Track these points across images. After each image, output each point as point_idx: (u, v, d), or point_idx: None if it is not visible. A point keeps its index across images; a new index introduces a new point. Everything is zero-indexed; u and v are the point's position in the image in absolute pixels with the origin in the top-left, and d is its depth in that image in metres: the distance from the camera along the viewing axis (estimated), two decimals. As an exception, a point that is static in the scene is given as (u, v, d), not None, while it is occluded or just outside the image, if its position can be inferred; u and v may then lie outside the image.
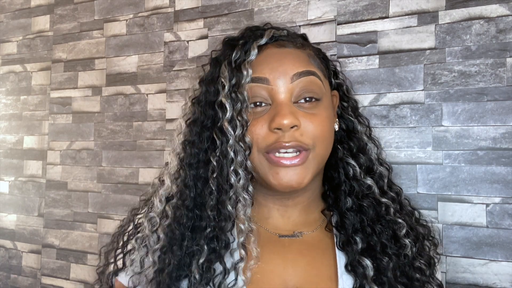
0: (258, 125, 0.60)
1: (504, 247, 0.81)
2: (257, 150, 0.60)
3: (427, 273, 0.64)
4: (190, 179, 0.62)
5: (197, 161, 0.63)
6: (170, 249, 0.60)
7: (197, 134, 0.63)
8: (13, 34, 1.43)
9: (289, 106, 0.59)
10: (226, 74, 0.61)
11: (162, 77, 1.16)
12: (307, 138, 0.59)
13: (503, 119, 0.82)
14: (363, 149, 0.70)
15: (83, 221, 1.26)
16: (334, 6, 0.97)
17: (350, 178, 0.68)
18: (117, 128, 1.22)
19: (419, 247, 0.65)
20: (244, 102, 0.59)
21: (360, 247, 0.62)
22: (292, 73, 0.60)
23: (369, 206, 0.65)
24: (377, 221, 0.65)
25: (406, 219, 0.67)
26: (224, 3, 1.09)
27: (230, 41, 0.66)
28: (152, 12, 1.19)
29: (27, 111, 1.38)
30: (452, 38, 0.87)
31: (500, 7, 0.83)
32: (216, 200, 0.60)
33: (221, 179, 0.60)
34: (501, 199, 0.82)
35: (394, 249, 0.63)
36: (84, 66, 1.29)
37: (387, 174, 0.70)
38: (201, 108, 0.64)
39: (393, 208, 0.66)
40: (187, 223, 0.61)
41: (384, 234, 0.64)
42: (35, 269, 1.33)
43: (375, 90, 0.92)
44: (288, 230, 0.66)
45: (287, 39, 0.66)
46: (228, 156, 0.59)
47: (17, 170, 1.39)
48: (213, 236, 0.59)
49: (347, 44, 0.96)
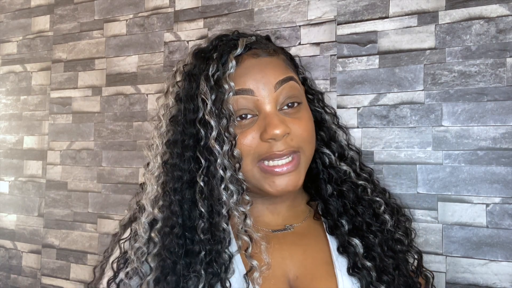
0: (248, 137, 0.60)
1: (504, 247, 0.81)
2: (250, 161, 0.60)
3: (406, 243, 0.68)
4: (176, 205, 0.60)
5: (181, 184, 0.60)
6: (164, 280, 0.57)
7: (179, 155, 0.61)
8: (13, 34, 1.43)
9: (277, 115, 0.60)
10: (206, 89, 0.59)
11: (162, 77, 1.16)
12: (297, 142, 0.61)
13: (503, 119, 0.82)
14: (333, 137, 0.73)
15: (83, 221, 1.26)
16: (334, 6, 0.97)
17: (327, 166, 0.70)
18: (117, 128, 1.22)
19: (395, 220, 0.70)
20: (230, 116, 0.59)
21: (347, 229, 0.65)
22: (275, 81, 0.61)
23: (349, 190, 0.69)
24: (358, 202, 0.68)
25: (381, 197, 0.71)
26: (224, 3, 1.09)
27: (201, 53, 0.65)
28: (152, 12, 1.19)
29: (27, 111, 1.38)
30: (452, 38, 0.87)
31: (500, 7, 0.83)
32: (209, 223, 0.58)
33: (212, 200, 0.58)
34: (501, 199, 0.82)
35: (377, 226, 0.67)
36: (84, 66, 1.29)
37: (358, 157, 0.73)
38: (181, 127, 0.62)
39: (370, 188, 0.70)
40: (179, 251, 0.58)
41: (366, 214, 0.67)
42: (35, 269, 1.33)
43: (375, 90, 0.92)
44: (279, 225, 0.67)
45: (259, 46, 0.66)
46: (217, 175, 0.58)
47: (17, 170, 1.39)
48: (210, 260, 0.57)
49: (347, 44, 0.96)
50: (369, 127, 0.93)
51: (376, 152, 0.92)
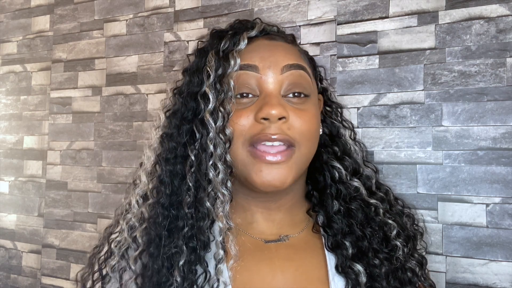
0: (243, 116, 0.57)
1: (504, 247, 0.81)
2: (241, 143, 0.57)
3: (419, 274, 0.63)
4: (166, 175, 0.59)
5: (175, 156, 0.59)
6: (148, 253, 0.57)
7: (176, 126, 0.60)
8: (13, 34, 1.43)
9: (278, 97, 0.57)
10: (213, 63, 0.58)
11: (162, 77, 1.16)
12: (294, 133, 0.57)
13: (503, 119, 0.82)
14: (348, 152, 0.69)
15: (83, 221, 1.26)
16: (334, 6, 0.97)
17: (336, 181, 0.66)
18: (117, 128, 1.22)
19: (411, 247, 0.64)
20: (228, 92, 0.57)
21: (350, 252, 0.60)
22: (283, 64, 0.58)
23: (358, 209, 0.63)
24: (366, 224, 0.63)
25: (397, 219, 0.65)
26: (224, 3, 1.09)
27: (218, 32, 0.64)
28: (152, 12, 1.19)
29: (27, 111, 1.38)
30: (452, 38, 0.87)
31: (500, 7, 0.83)
32: (194, 197, 0.57)
33: (199, 175, 0.57)
34: (501, 199, 0.82)
35: (386, 252, 0.61)
36: (84, 66, 1.29)
37: (374, 175, 0.69)
38: (183, 99, 0.61)
39: (382, 209, 0.65)
40: (162, 222, 0.57)
41: (375, 237, 0.62)
42: (35, 269, 1.33)
43: (375, 90, 0.92)
44: (274, 234, 0.63)
45: (277, 34, 0.65)
46: (208, 150, 0.56)
47: (17, 170, 1.39)
48: (191, 235, 0.56)
49: (347, 44, 0.96)
50: (369, 127, 0.93)
51: (376, 152, 0.92)
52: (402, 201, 0.72)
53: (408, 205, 0.73)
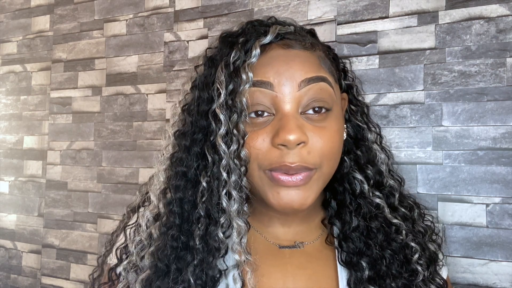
0: (259, 139, 0.52)
1: (504, 247, 0.81)
2: (257, 166, 0.53)
3: None
4: (176, 205, 0.55)
5: (185, 181, 0.55)
6: (154, 283, 0.54)
7: (186, 149, 0.55)
8: (13, 34, 1.43)
9: (295, 118, 0.51)
10: (223, 78, 0.53)
11: (162, 77, 1.16)
12: (314, 157, 0.52)
13: (503, 119, 0.82)
14: (372, 160, 0.63)
15: (83, 221, 1.26)
16: (334, 6, 0.97)
17: (356, 195, 0.61)
18: (117, 128, 1.22)
19: (432, 270, 0.60)
20: (242, 112, 0.51)
21: (367, 274, 0.56)
22: (300, 79, 0.52)
23: (378, 229, 0.59)
24: (387, 245, 0.58)
25: (419, 240, 0.61)
26: (224, 3, 1.09)
27: (228, 37, 0.58)
28: (152, 12, 1.19)
29: (27, 111, 1.38)
30: (452, 38, 0.87)
31: (500, 7, 0.83)
32: (205, 229, 0.53)
33: (210, 206, 0.53)
34: (501, 199, 0.82)
35: (405, 278, 0.57)
36: (84, 66, 1.29)
37: (399, 188, 0.63)
38: (192, 118, 0.56)
39: (405, 230, 0.60)
40: (171, 255, 0.54)
41: (395, 261, 0.57)
42: (35, 269, 1.33)
43: (375, 90, 0.92)
44: (289, 240, 0.60)
45: (294, 37, 0.57)
46: (221, 178, 0.52)
47: (17, 170, 1.39)
48: (200, 270, 0.53)
49: (347, 44, 0.95)
50: (369, 127, 0.93)
51: (376, 152, 0.92)
52: (425, 212, 0.67)
53: (431, 213, 0.69)
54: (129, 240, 0.60)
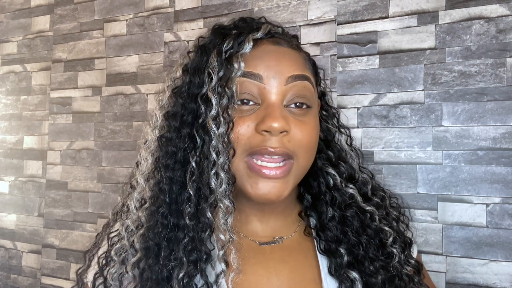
0: (243, 125, 0.55)
1: (504, 247, 0.81)
2: (240, 152, 0.55)
3: (416, 280, 0.63)
4: (165, 183, 0.56)
5: (174, 161, 0.57)
6: (146, 263, 0.55)
7: (176, 129, 0.57)
8: (13, 34, 1.43)
9: (280, 109, 0.55)
10: (215, 64, 0.55)
11: (162, 77, 1.16)
12: (293, 146, 0.56)
13: (503, 119, 0.82)
14: (343, 158, 0.68)
15: (83, 221, 1.26)
16: (334, 6, 0.97)
17: (331, 188, 0.65)
18: (117, 128, 1.22)
19: (407, 253, 0.64)
20: (231, 97, 0.54)
21: (346, 260, 0.59)
22: (288, 74, 0.56)
23: (353, 217, 0.63)
24: (362, 231, 0.62)
25: (393, 226, 0.65)
26: (224, 3, 1.09)
27: (221, 29, 0.60)
28: (152, 12, 1.19)
29: (27, 111, 1.38)
30: (452, 38, 0.87)
31: (500, 7, 0.83)
32: (196, 207, 0.54)
33: (201, 184, 0.54)
34: (501, 199, 0.82)
35: (382, 260, 0.61)
36: (84, 66, 1.29)
37: (370, 180, 0.68)
38: (183, 100, 0.58)
39: (378, 215, 0.64)
40: (162, 232, 0.55)
41: (371, 246, 0.61)
42: (35, 269, 1.33)
43: (375, 90, 0.92)
44: (268, 237, 0.63)
45: (283, 37, 0.62)
46: (210, 158, 0.54)
47: (17, 170, 1.39)
48: (192, 247, 0.54)
49: (347, 44, 0.95)
50: (369, 127, 0.93)
51: (376, 152, 0.92)
52: (398, 204, 0.71)
53: (406, 205, 0.73)
54: (120, 224, 0.61)
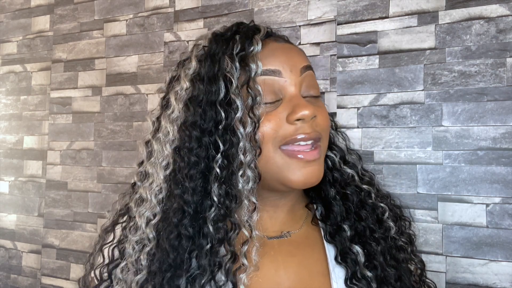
0: (274, 119, 0.57)
1: (504, 247, 0.81)
2: (272, 146, 0.56)
3: (409, 250, 0.67)
4: (189, 194, 0.56)
5: (196, 171, 0.56)
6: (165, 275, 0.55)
7: (197, 139, 0.57)
8: (13, 34, 1.43)
9: (303, 98, 0.58)
10: (231, 68, 0.57)
11: (162, 77, 1.16)
12: (321, 129, 0.60)
13: (503, 119, 0.82)
14: (333, 142, 0.72)
15: (83, 221, 1.26)
16: (334, 6, 0.97)
17: (331, 168, 0.69)
18: (117, 128, 1.22)
19: (399, 225, 0.69)
20: (256, 97, 0.56)
21: (349, 235, 0.63)
22: (300, 66, 0.60)
23: (353, 193, 0.67)
24: (361, 207, 0.66)
25: (385, 202, 0.70)
26: (224, 3, 1.09)
27: (222, 36, 0.62)
28: (152, 12, 1.19)
29: (27, 111, 1.38)
30: (452, 38, 0.87)
31: (500, 7, 0.83)
32: (225, 210, 0.55)
33: (229, 186, 0.55)
34: (501, 199, 0.82)
35: (381, 232, 0.65)
36: (84, 66, 1.29)
37: (359, 162, 0.73)
38: (201, 109, 0.57)
39: (373, 193, 0.69)
40: (185, 244, 0.55)
41: (370, 219, 0.65)
42: (35, 269, 1.33)
43: (375, 90, 0.92)
44: (276, 231, 0.64)
45: (278, 35, 0.66)
46: (237, 159, 0.55)
47: (17, 170, 1.39)
48: (215, 251, 0.55)
49: (347, 44, 0.95)
50: (369, 127, 0.93)
51: (376, 152, 0.92)
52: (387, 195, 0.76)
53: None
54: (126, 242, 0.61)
